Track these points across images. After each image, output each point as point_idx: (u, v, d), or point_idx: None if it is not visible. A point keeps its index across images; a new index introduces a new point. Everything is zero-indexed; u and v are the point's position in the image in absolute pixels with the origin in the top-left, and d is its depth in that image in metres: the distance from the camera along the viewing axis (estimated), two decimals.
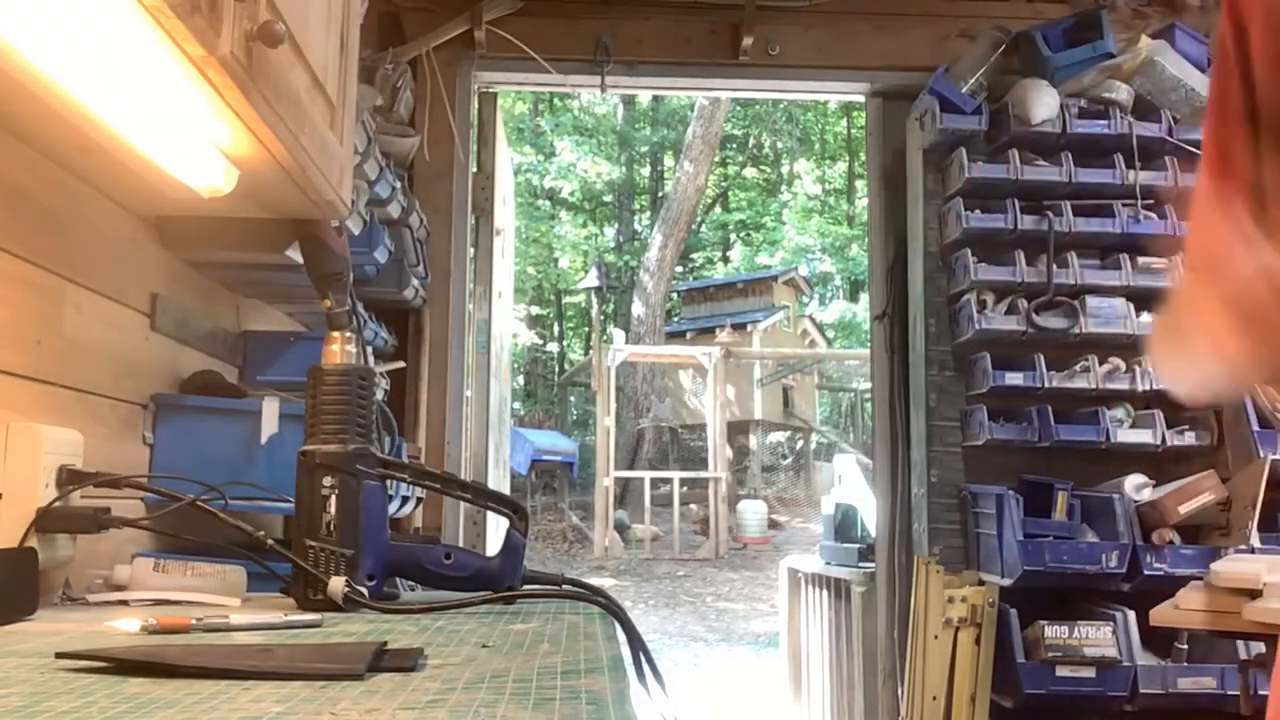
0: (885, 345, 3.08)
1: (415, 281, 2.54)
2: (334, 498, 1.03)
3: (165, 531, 1.28)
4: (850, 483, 4.51)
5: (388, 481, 1.13)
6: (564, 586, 1.16)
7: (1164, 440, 2.68)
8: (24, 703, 0.64)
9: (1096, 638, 2.49)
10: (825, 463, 14.84)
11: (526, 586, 1.13)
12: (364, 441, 1.05)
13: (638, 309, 15.08)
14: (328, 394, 1.08)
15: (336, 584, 1.11)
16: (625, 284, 17.92)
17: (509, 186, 3.66)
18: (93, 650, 0.77)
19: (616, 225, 20.25)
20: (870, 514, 3.65)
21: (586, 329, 18.93)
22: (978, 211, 2.77)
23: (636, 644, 1.07)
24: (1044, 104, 2.76)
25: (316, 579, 1.01)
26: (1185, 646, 2.50)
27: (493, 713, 0.63)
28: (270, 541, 1.22)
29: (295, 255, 1.64)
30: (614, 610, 1.08)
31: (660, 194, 18.60)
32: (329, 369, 1.09)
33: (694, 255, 19.47)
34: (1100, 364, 2.72)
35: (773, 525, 13.01)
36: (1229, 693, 2.41)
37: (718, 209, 19.92)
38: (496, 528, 3.20)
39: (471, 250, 3.06)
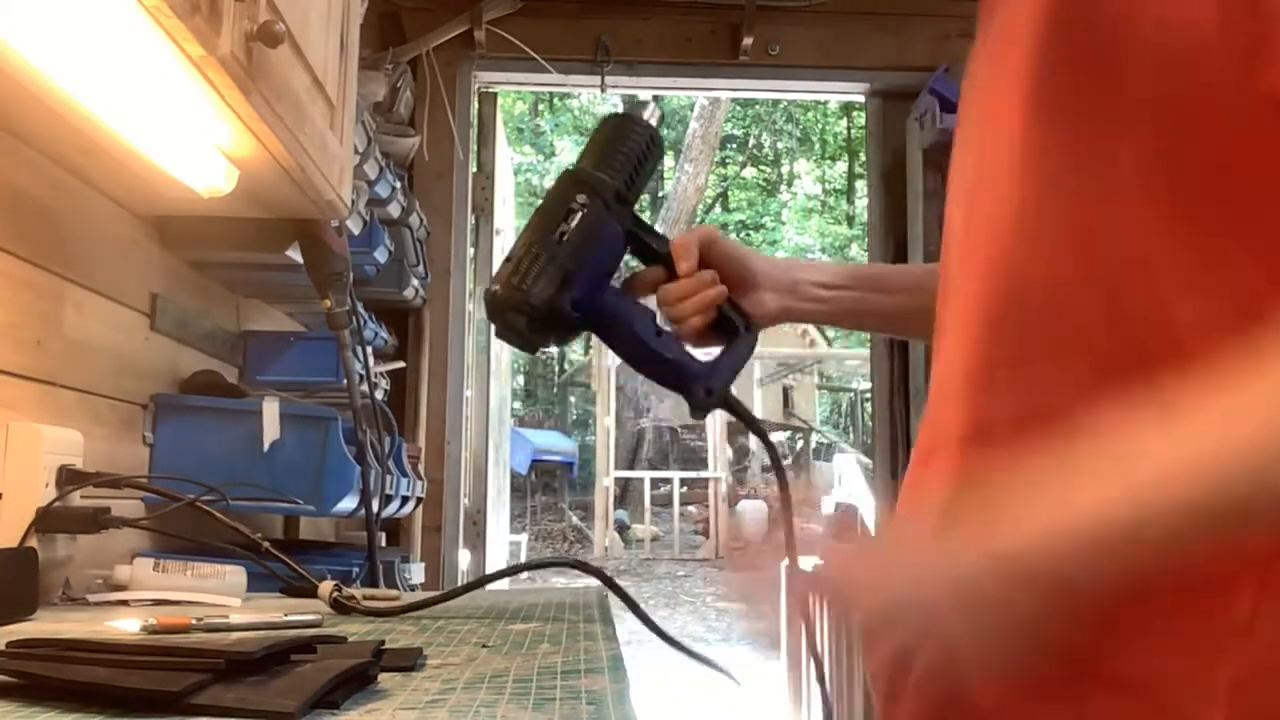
0: (885, 345, 3.08)
1: (415, 281, 2.55)
2: (580, 215, 0.95)
3: (165, 531, 1.29)
4: (850, 483, 4.52)
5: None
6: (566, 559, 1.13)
7: None
8: None
9: None
10: (825, 463, 14.85)
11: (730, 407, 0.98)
12: (628, 190, 0.99)
13: None
14: (618, 131, 1.01)
15: (325, 589, 1.11)
16: None
17: (509, 186, 3.66)
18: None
19: None
20: (870, 514, 3.65)
21: None
22: None
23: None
24: None
25: (523, 278, 0.90)
26: None
27: (493, 713, 0.63)
28: (266, 545, 1.22)
29: (295, 255, 1.64)
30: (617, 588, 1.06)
31: (660, 194, 18.59)
32: (628, 115, 1.02)
33: None
34: None
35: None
36: None
37: (718, 209, 19.92)
38: (496, 525, 3.20)
39: (471, 250, 3.06)
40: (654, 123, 1.01)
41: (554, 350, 20.63)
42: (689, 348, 0.98)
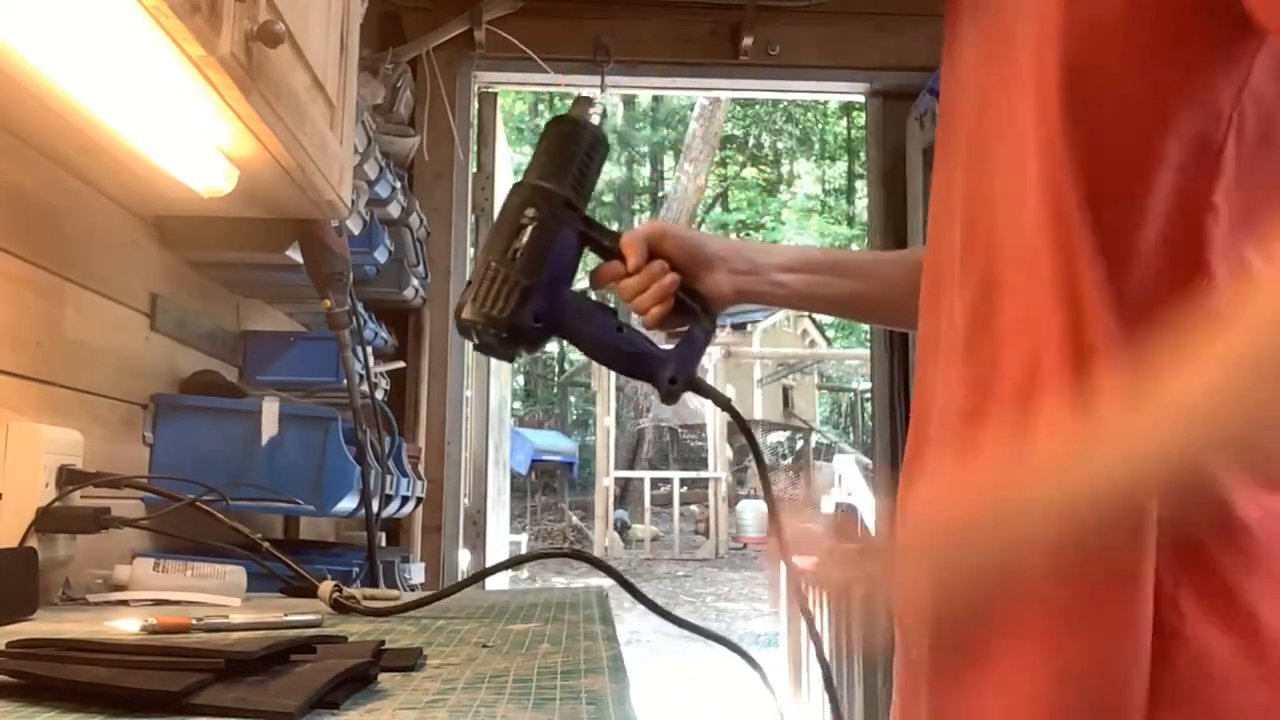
0: (885, 345, 3.08)
1: (415, 281, 2.54)
2: (530, 229, 0.98)
3: (165, 531, 1.29)
4: (850, 483, 4.52)
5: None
6: (569, 548, 1.13)
7: None
8: None
9: None
10: (825, 463, 14.86)
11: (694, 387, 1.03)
12: (576, 198, 1.02)
13: None
14: (559, 138, 1.04)
15: (325, 589, 1.11)
16: None
17: (509, 186, 3.66)
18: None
19: (617, 225, 20.27)
20: (870, 514, 3.65)
21: None
22: None
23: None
24: None
25: (486, 302, 0.96)
26: None
27: (493, 713, 0.63)
28: (266, 545, 1.22)
29: (295, 255, 1.64)
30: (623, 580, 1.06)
31: (660, 194, 18.60)
32: (568, 118, 1.05)
33: None
34: None
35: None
36: None
37: (718, 209, 19.93)
38: (496, 525, 3.20)
39: (471, 250, 3.06)
40: (597, 120, 1.04)
41: (554, 350, 20.63)
42: (658, 335, 1.02)
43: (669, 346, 1.01)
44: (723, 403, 1.11)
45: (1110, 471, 0.59)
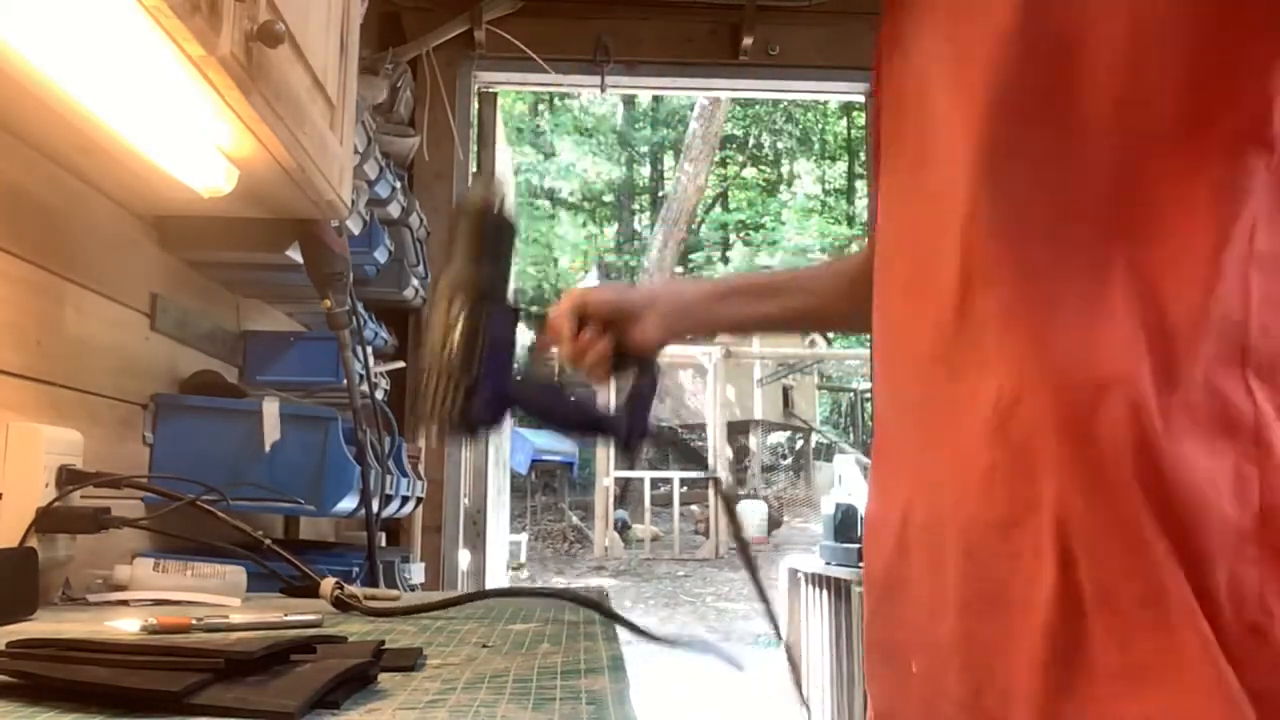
0: None
1: (415, 281, 2.54)
2: (460, 325, 1.01)
3: (165, 531, 1.29)
4: (850, 483, 4.51)
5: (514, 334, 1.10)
6: (559, 588, 1.15)
7: None
8: None
9: None
10: (825, 463, 14.87)
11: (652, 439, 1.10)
12: (496, 276, 1.04)
13: None
14: (472, 227, 1.06)
15: (327, 586, 1.11)
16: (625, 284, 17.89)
17: (509, 186, 3.66)
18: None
19: (616, 225, 20.26)
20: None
21: None
22: None
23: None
24: None
25: (436, 406, 1.00)
26: None
27: (493, 713, 0.63)
28: (268, 542, 1.22)
29: (295, 255, 1.64)
30: (609, 613, 1.07)
31: (660, 194, 18.59)
32: (475, 206, 1.07)
33: (694, 255, 19.48)
34: None
35: (773, 524, 13.03)
36: None
37: (718, 209, 19.92)
38: (496, 525, 3.20)
39: None
40: (498, 201, 1.08)
41: (554, 349, 20.59)
42: (611, 389, 1.10)
43: (625, 400, 1.07)
44: (685, 450, 1.17)
45: None
